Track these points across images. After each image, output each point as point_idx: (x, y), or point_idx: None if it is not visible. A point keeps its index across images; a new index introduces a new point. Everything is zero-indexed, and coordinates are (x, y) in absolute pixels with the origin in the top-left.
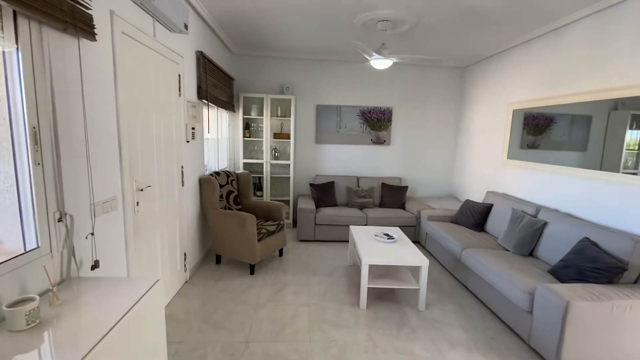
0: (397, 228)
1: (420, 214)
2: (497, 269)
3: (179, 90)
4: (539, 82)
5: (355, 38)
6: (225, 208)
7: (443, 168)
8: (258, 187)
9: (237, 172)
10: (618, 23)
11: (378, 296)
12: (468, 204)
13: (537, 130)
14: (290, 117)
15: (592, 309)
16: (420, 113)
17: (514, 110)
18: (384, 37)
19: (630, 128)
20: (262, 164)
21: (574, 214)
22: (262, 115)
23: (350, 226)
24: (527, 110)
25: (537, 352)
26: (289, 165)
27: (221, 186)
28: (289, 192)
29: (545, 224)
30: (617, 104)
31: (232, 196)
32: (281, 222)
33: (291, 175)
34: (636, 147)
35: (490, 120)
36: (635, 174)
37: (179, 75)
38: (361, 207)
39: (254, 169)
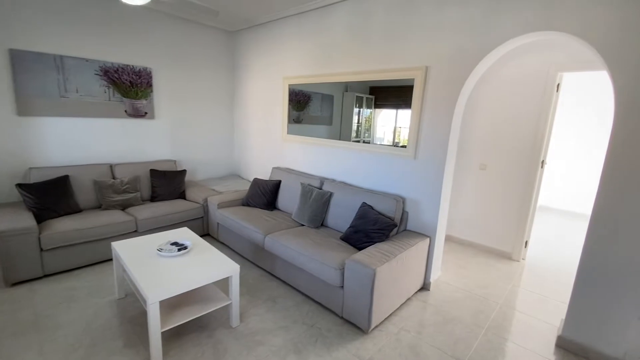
0: (186, 228)
1: (208, 201)
2: (306, 251)
3: None
4: (309, 58)
5: None
6: None
7: (222, 145)
8: None
9: None
10: (373, 14)
11: (176, 332)
12: (257, 183)
13: (299, 106)
14: None
15: (387, 269)
16: (191, 80)
17: (289, 85)
18: None
19: (355, 106)
20: None
21: (346, 181)
22: None
23: (113, 243)
24: (293, 87)
25: (351, 322)
26: None
27: None
28: None
29: (331, 194)
30: (347, 87)
31: None
32: None
33: None
34: (361, 121)
35: (267, 94)
36: (358, 141)
37: None
38: (124, 206)
39: None
